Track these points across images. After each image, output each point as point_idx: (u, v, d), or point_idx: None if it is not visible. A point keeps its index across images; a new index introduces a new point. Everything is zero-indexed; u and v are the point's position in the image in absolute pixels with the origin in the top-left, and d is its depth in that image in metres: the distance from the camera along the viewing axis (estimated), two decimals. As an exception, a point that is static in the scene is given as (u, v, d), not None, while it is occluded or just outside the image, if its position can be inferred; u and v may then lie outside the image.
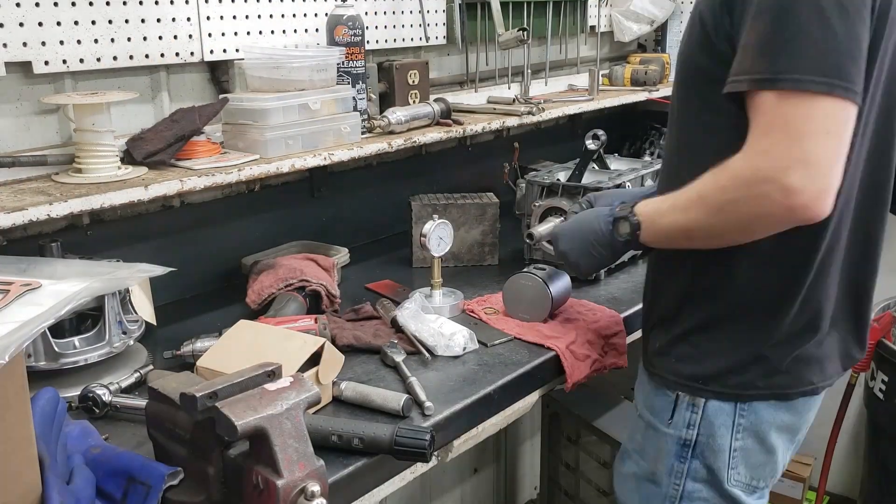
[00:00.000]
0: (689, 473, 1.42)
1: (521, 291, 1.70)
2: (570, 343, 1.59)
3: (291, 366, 1.27)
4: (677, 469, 1.42)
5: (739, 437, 1.38)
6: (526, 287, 1.69)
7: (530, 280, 1.69)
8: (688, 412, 1.39)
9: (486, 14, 2.40)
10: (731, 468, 1.39)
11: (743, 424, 1.37)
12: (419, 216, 2.02)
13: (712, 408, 1.37)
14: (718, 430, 1.37)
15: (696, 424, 1.39)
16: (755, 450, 1.39)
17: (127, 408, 1.32)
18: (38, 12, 1.53)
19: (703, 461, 1.40)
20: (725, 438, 1.37)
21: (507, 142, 2.22)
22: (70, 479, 1.03)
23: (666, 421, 1.42)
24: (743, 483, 1.41)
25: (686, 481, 1.42)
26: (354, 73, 1.93)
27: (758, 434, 1.38)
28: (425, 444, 1.18)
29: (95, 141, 1.53)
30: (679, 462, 1.42)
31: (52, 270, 1.15)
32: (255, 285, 1.73)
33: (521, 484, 3.05)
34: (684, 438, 1.40)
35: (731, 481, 1.40)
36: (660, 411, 1.43)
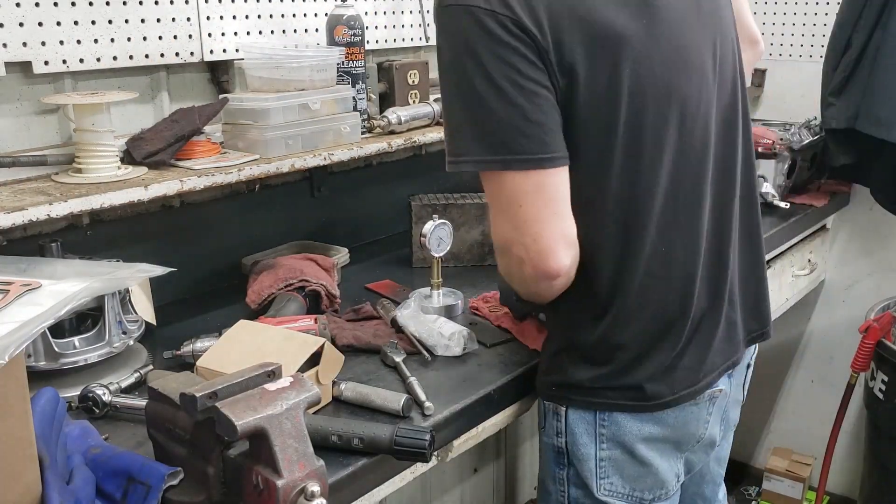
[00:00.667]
0: (569, 479, 1.40)
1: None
2: None
3: (291, 366, 1.27)
4: (559, 476, 1.42)
5: (605, 448, 1.34)
6: None
7: None
8: (554, 420, 1.38)
9: (486, 14, 2.40)
10: (600, 478, 1.36)
11: (605, 434, 1.34)
12: (419, 216, 2.02)
13: (572, 417, 1.35)
14: (580, 438, 1.35)
15: (563, 432, 1.37)
16: (626, 461, 1.35)
17: (127, 408, 1.32)
18: (38, 12, 1.53)
19: (576, 469, 1.39)
20: (589, 448, 1.35)
21: (507, 142, 2.22)
22: (70, 479, 1.03)
23: (541, 429, 1.44)
24: (621, 493, 1.37)
25: (570, 488, 1.41)
26: (354, 73, 1.93)
27: (623, 445, 1.34)
28: (425, 444, 1.18)
29: (95, 141, 1.53)
30: (559, 469, 1.41)
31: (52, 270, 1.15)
32: (255, 285, 1.73)
33: (521, 484, 3.05)
34: (557, 446, 1.39)
35: (602, 490, 1.37)
36: (539, 418, 1.45)
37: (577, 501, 1.40)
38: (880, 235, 2.86)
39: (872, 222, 2.84)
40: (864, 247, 2.91)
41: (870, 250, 2.91)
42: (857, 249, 2.92)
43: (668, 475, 1.39)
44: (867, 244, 2.91)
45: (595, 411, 1.33)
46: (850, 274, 2.95)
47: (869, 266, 2.92)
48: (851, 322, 2.79)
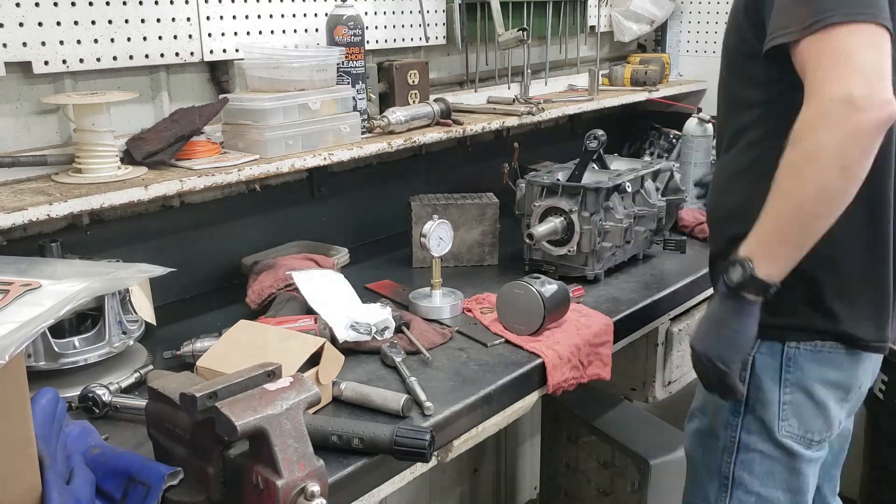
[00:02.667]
0: (742, 426, 1.51)
1: (515, 301, 1.64)
2: (554, 344, 1.58)
3: (291, 366, 1.27)
4: (732, 422, 1.52)
5: (787, 392, 1.46)
6: (520, 297, 1.63)
7: (524, 290, 1.62)
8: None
9: (486, 14, 2.40)
10: (781, 420, 1.48)
11: (789, 379, 1.46)
12: (419, 216, 2.02)
13: (760, 364, 1.47)
14: (766, 384, 1.47)
15: (745, 381, 1.47)
16: (804, 404, 1.47)
17: (127, 408, 1.32)
18: (38, 12, 1.53)
19: (755, 415, 1.49)
20: (774, 392, 1.47)
21: (507, 142, 2.22)
22: (70, 479, 1.03)
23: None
24: (796, 435, 1.48)
25: (741, 433, 1.51)
26: (354, 73, 1.93)
27: (804, 388, 1.46)
28: (425, 444, 1.18)
29: (95, 141, 1.53)
30: (733, 416, 1.51)
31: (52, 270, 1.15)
32: (255, 285, 1.73)
33: (521, 484, 3.05)
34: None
35: (783, 432, 1.48)
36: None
37: (749, 446, 1.51)
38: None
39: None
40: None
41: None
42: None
43: (837, 418, 1.51)
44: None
45: (781, 358, 1.45)
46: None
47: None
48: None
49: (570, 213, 1.88)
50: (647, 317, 1.86)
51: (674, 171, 2.15)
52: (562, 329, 1.65)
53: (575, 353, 1.60)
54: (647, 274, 2.03)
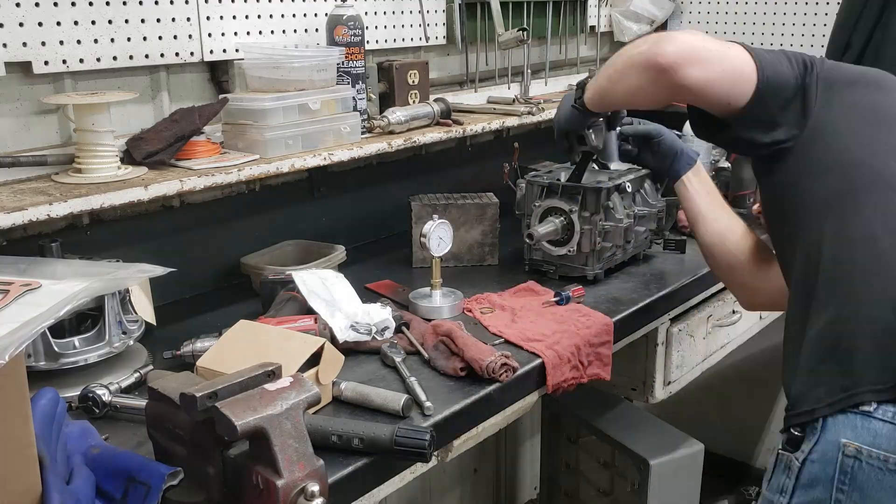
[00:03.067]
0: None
1: None
2: (554, 344, 1.58)
3: (291, 366, 1.27)
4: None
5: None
6: None
7: None
8: (783, 475, 1.25)
9: (486, 14, 2.40)
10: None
11: (842, 501, 1.18)
12: (419, 216, 2.02)
13: (807, 473, 1.21)
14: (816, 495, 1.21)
15: (788, 492, 1.24)
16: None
17: (127, 408, 1.32)
18: (38, 12, 1.53)
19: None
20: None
21: (507, 142, 2.22)
22: (70, 479, 1.03)
23: (767, 482, 1.30)
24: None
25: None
26: (354, 73, 1.93)
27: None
28: (425, 444, 1.18)
29: (95, 141, 1.53)
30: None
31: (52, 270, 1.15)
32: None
33: (521, 484, 3.06)
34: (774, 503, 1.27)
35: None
36: (768, 471, 1.31)
37: None
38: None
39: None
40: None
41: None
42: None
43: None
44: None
45: (836, 470, 1.17)
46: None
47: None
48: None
49: (570, 214, 1.88)
50: (647, 317, 1.86)
51: (674, 171, 2.14)
52: (562, 329, 1.65)
53: (575, 353, 1.60)
54: (647, 274, 2.03)
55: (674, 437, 2.29)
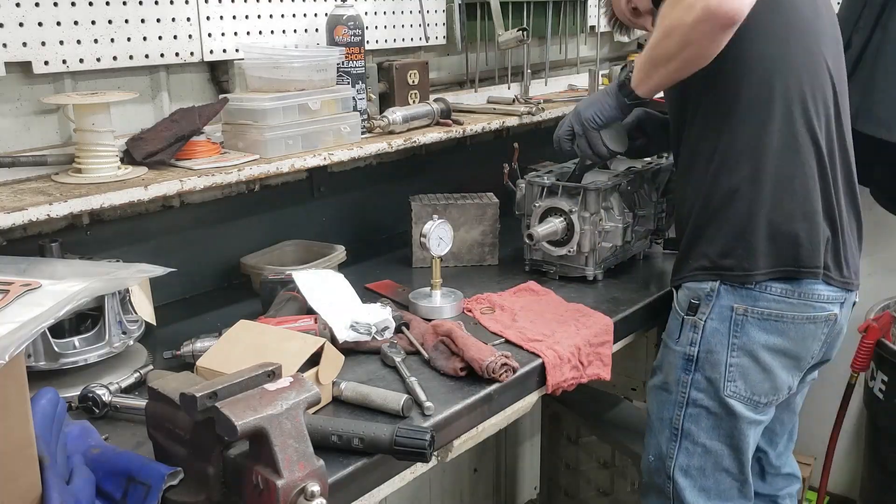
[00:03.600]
0: (692, 384, 1.67)
1: None
2: (554, 344, 1.58)
3: (291, 366, 1.27)
4: (683, 380, 1.68)
5: (735, 355, 1.62)
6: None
7: None
8: (690, 332, 1.65)
9: (486, 14, 2.40)
10: (727, 381, 1.63)
11: (737, 344, 1.61)
12: (419, 216, 2.02)
13: (709, 328, 1.63)
14: (715, 347, 1.63)
15: (697, 343, 1.65)
16: (751, 367, 1.62)
17: (127, 408, 1.32)
18: (38, 12, 1.53)
19: (703, 374, 1.65)
20: (721, 355, 1.62)
21: (507, 142, 2.22)
22: (70, 479, 1.03)
23: (675, 339, 1.69)
24: (742, 396, 1.64)
25: (690, 390, 1.67)
26: (354, 73, 1.93)
27: (751, 353, 1.61)
28: (425, 444, 1.18)
29: (95, 141, 1.53)
30: (685, 374, 1.67)
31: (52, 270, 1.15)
32: None
33: (521, 484, 3.06)
34: (688, 354, 1.66)
35: (727, 391, 1.63)
36: (671, 332, 1.71)
37: (697, 401, 1.67)
38: (880, 235, 2.85)
39: (872, 222, 2.82)
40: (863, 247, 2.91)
41: (869, 251, 2.89)
42: (857, 249, 2.92)
43: (783, 384, 1.66)
44: (867, 245, 2.87)
45: (730, 324, 1.60)
46: (850, 274, 2.95)
47: (869, 266, 2.91)
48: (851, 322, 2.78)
49: (570, 214, 1.88)
50: (646, 317, 1.86)
51: (674, 171, 2.15)
52: (562, 329, 1.65)
53: (575, 353, 1.60)
54: (647, 274, 2.03)
55: (674, 437, 2.28)
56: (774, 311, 1.59)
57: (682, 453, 1.70)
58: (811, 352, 1.65)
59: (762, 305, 1.59)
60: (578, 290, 1.88)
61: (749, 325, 1.60)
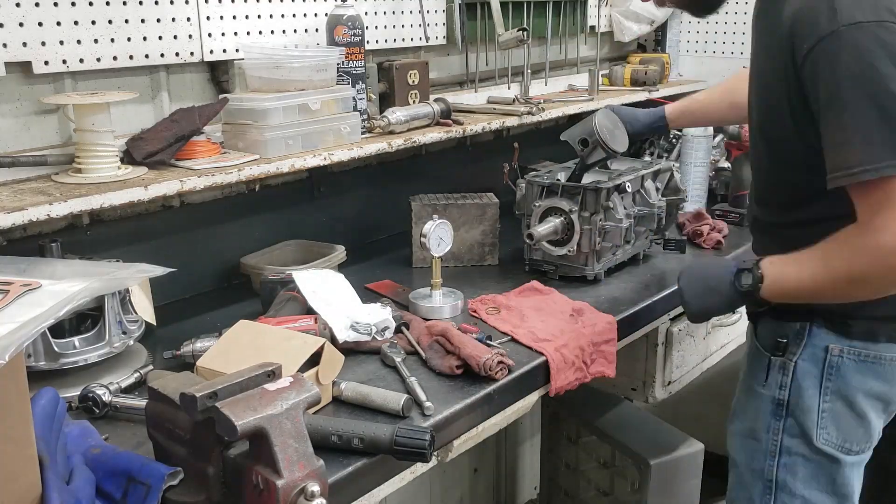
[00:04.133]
0: (784, 430, 1.54)
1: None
2: (562, 346, 1.58)
3: (291, 366, 1.27)
4: (774, 426, 1.55)
5: (827, 400, 1.49)
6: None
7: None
8: (779, 374, 1.52)
9: (486, 14, 2.40)
10: (819, 427, 1.50)
11: (830, 388, 1.48)
12: (419, 216, 2.02)
13: (801, 370, 1.50)
14: (806, 391, 1.50)
15: (787, 386, 1.52)
16: (844, 413, 1.49)
17: (127, 408, 1.32)
18: (38, 12, 1.53)
19: (795, 419, 1.52)
20: (814, 399, 1.49)
21: (507, 142, 2.22)
22: (70, 479, 1.03)
23: (762, 383, 1.55)
24: (835, 444, 1.50)
25: (783, 437, 1.54)
26: (354, 73, 1.93)
27: (846, 398, 1.48)
28: (425, 444, 1.18)
29: (95, 141, 1.53)
30: (775, 420, 1.54)
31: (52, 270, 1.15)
32: None
33: (521, 484, 3.06)
34: (777, 398, 1.53)
35: (821, 440, 1.50)
36: (755, 373, 1.58)
37: (791, 449, 1.53)
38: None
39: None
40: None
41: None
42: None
43: (876, 430, 1.53)
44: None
45: (824, 366, 1.47)
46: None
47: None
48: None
49: (570, 214, 1.88)
50: (647, 317, 1.86)
51: (674, 171, 2.15)
52: (570, 328, 1.65)
53: (579, 354, 1.60)
54: (647, 274, 2.03)
55: (674, 437, 2.29)
56: (873, 353, 1.46)
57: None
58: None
59: (860, 346, 1.47)
60: (578, 290, 1.88)
61: (845, 366, 1.47)
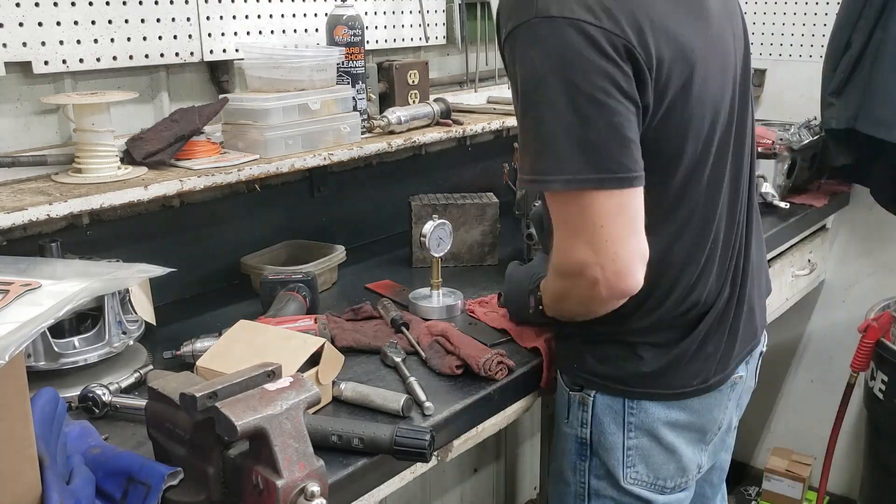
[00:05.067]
0: (590, 470, 1.42)
1: None
2: (551, 339, 1.56)
3: (291, 366, 1.27)
4: (580, 467, 1.43)
5: (632, 436, 1.37)
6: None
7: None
8: (579, 410, 1.41)
9: (486, 14, 2.40)
10: (626, 467, 1.39)
11: (633, 423, 1.36)
12: (419, 216, 2.02)
13: (600, 405, 1.38)
14: (608, 427, 1.38)
15: (588, 423, 1.40)
16: (652, 448, 1.38)
17: (127, 408, 1.32)
18: (38, 12, 1.53)
19: (600, 459, 1.41)
20: (617, 437, 1.37)
21: (507, 142, 2.22)
22: (70, 479, 1.03)
23: (564, 419, 1.45)
24: (645, 482, 1.40)
25: (590, 478, 1.42)
26: (354, 73, 1.93)
27: (650, 433, 1.37)
28: (425, 444, 1.18)
29: (95, 141, 1.53)
30: (580, 460, 1.43)
31: (52, 270, 1.15)
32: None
33: (521, 484, 3.05)
34: (580, 437, 1.41)
35: (628, 479, 1.39)
36: (559, 409, 1.47)
37: (599, 492, 1.42)
38: (880, 236, 2.86)
39: (872, 223, 2.84)
40: (863, 247, 2.91)
41: (869, 250, 2.91)
42: (857, 250, 2.92)
43: (691, 463, 1.42)
44: (867, 244, 2.91)
45: (624, 399, 1.35)
46: (850, 274, 2.95)
47: (868, 266, 2.92)
48: (851, 322, 2.79)
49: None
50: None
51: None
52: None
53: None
54: (647, 274, 2.02)
55: (674, 437, 2.28)
56: (668, 391, 1.35)
57: None
58: (718, 422, 1.42)
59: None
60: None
61: (646, 398, 1.35)
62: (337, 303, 1.84)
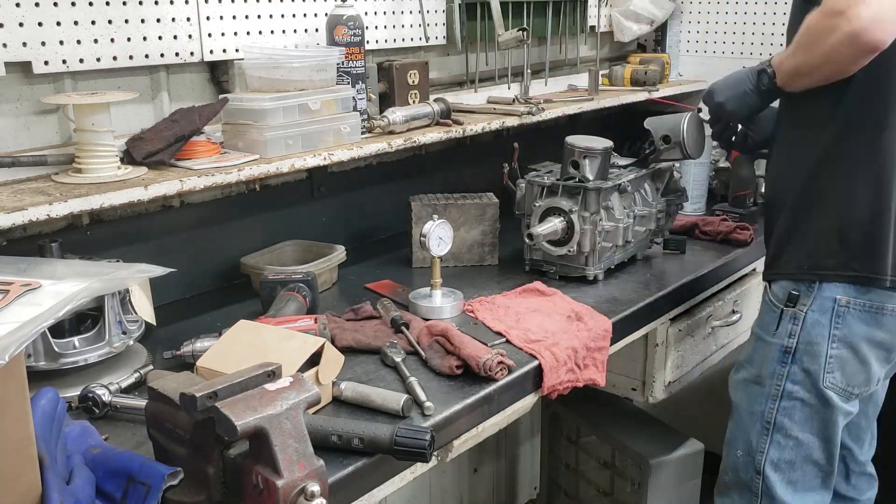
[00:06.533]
0: (788, 376, 1.71)
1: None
2: (552, 346, 1.58)
3: (291, 366, 1.27)
4: (779, 372, 1.72)
5: (835, 347, 1.66)
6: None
7: None
8: (790, 324, 1.70)
9: (486, 14, 2.40)
10: (826, 372, 1.67)
11: (837, 336, 1.66)
12: (419, 216, 2.02)
13: (810, 320, 1.67)
14: (816, 339, 1.67)
15: (797, 334, 1.69)
16: (849, 359, 1.67)
17: (127, 408, 1.32)
18: (38, 12, 1.53)
19: (801, 366, 1.69)
20: (822, 346, 1.67)
21: (507, 142, 2.22)
22: (70, 479, 1.03)
23: (771, 332, 1.73)
24: (838, 387, 1.68)
25: (786, 383, 1.71)
26: (354, 73, 1.93)
27: (851, 345, 1.66)
28: (425, 444, 1.18)
29: (95, 141, 1.53)
30: (780, 366, 1.72)
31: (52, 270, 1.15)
32: None
33: (521, 484, 3.05)
34: (785, 346, 1.70)
35: (826, 382, 1.68)
36: (766, 325, 1.75)
37: (792, 394, 1.71)
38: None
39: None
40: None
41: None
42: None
43: (874, 376, 1.71)
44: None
45: (832, 315, 1.65)
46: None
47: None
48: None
49: (570, 213, 1.88)
50: (646, 317, 1.86)
51: (674, 171, 2.15)
52: (562, 329, 1.65)
53: (572, 355, 1.60)
54: (647, 274, 2.03)
55: (674, 437, 2.29)
56: (877, 304, 1.63)
57: (774, 447, 1.74)
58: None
59: (866, 297, 1.63)
60: (578, 290, 1.88)
61: (851, 316, 1.64)
62: (337, 303, 1.84)
